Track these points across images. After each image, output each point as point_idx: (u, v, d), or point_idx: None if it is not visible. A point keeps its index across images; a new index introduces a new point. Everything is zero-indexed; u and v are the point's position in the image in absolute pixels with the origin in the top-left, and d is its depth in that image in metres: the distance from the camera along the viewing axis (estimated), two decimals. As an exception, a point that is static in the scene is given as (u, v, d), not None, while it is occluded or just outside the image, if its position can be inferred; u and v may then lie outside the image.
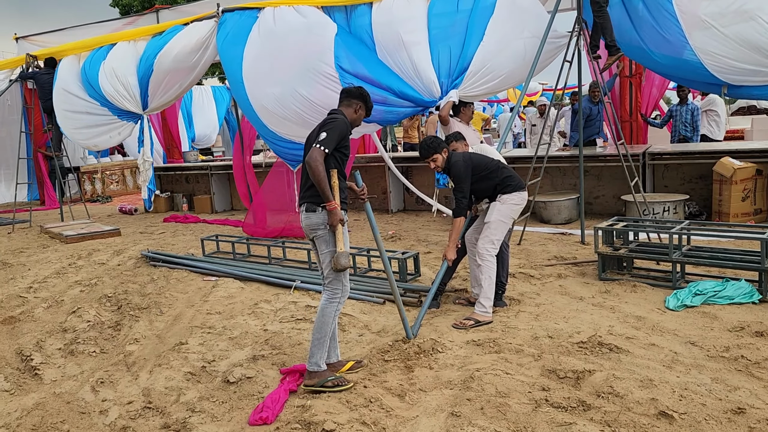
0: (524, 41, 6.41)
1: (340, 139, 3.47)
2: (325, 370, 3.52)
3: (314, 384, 3.45)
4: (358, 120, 3.74)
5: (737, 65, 5.88)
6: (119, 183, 15.46)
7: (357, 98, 3.72)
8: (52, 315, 5.27)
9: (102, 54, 9.37)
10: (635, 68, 9.32)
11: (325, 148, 3.39)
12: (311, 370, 3.50)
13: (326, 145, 3.40)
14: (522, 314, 4.52)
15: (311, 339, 3.56)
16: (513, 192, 4.49)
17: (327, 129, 3.46)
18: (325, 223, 3.47)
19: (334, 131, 3.45)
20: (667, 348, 3.72)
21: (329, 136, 3.42)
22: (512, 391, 3.27)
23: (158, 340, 4.54)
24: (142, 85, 8.96)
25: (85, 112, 9.59)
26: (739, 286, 4.53)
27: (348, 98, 3.72)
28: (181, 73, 8.51)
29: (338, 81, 6.69)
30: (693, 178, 7.75)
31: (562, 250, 6.35)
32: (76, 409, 3.48)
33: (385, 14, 6.90)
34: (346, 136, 3.55)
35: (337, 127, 3.48)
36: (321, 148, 3.38)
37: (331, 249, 3.48)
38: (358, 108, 3.72)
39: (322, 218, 3.47)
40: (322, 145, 3.39)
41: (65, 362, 4.23)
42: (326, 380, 3.45)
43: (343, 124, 3.52)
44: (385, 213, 9.56)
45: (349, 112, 3.69)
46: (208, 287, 5.79)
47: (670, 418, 2.89)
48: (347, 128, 3.56)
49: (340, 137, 3.47)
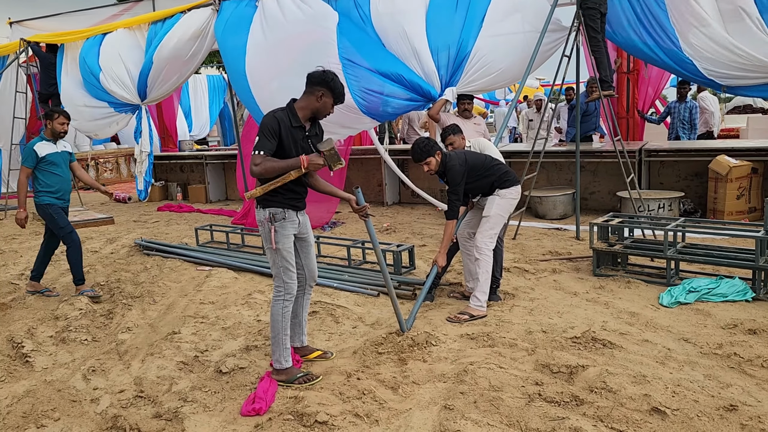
0: (524, 35, 6.38)
1: (273, 136, 3.26)
2: (290, 366, 3.48)
3: (284, 380, 3.43)
4: (323, 109, 3.41)
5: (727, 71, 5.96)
6: (113, 171, 15.37)
7: (319, 84, 3.35)
8: (43, 302, 5.24)
9: (97, 42, 9.30)
10: (633, 65, 9.32)
11: (259, 151, 3.24)
12: (276, 368, 3.48)
13: (260, 148, 3.24)
14: (516, 309, 4.52)
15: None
16: (510, 187, 4.48)
17: (259, 131, 3.29)
18: (264, 221, 3.41)
19: (264, 130, 3.27)
20: (660, 344, 3.73)
21: (261, 138, 3.26)
22: (505, 385, 3.27)
23: (151, 329, 4.52)
24: (142, 76, 8.91)
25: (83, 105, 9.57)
26: (732, 284, 4.54)
27: (309, 85, 3.39)
28: (179, 62, 8.45)
29: (342, 72, 6.63)
30: (688, 176, 7.76)
31: (557, 245, 6.35)
32: (68, 397, 3.46)
33: (385, 4, 6.85)
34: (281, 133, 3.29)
35: (265, 126, 3.27)
36: (256, 152, 3.25)
37: (269, 246, 3.42)
38: (321, 95, 3.36)
39: (261, 216, 3.43)
40: (256, 149, 3.26)
41: (57, 350, 4.20)
42: (295, 377, 3.42)
43: (270, 122, 3.27)
44: (381, 206, 9.54)
45: (310, 101, 3.38)
46: (202, 277, 5.77)
47: (662, 414, 2.90)
48: (276, 123, 3.28)
49: (273, 134, 3.26)
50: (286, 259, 3.43)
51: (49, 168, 5.24)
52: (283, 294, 3.46)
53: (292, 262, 3.47)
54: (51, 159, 5.23)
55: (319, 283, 5.34)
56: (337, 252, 6.48)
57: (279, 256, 3.41)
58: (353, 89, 6.64)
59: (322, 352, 3.84)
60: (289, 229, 3.44)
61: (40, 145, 5.22)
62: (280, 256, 3.41)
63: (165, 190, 11.96)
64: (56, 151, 5.29)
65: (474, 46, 6.41)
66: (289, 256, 3.44)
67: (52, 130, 5.27)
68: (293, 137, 3.36)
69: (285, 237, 3.42)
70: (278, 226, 3.39)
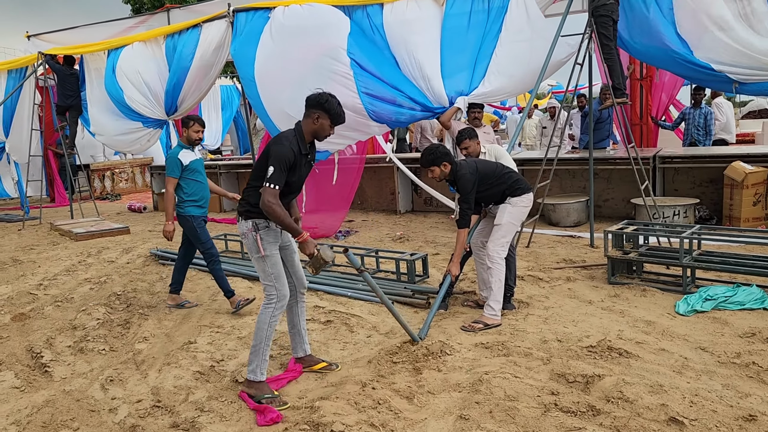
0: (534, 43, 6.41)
1: (288, 169, 3.29)
2: (262, 381, 3.44)
3: (252, 395, 3.38)
4: (320, 131, 3.39)
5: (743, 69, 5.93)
6: (128, 181, 15.54)
7: (314, 107, 3.35)
8: (62, 312, 5.30)
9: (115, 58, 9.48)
10: (646, 71, 9.29)
11: (275, 185, 3.22)
12: (249, 378, 3.45)
13: (276, 182, 3.23)
14: (531, 317, 4.51)
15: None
16: (522, 194, 4.48)
17: (273, 161, 3.24)
18: (247, 231, 3.42)
19: (281, 163, 3.24)
20: (677, 353, 3.70)
21: (276, 170, 3.23)
22: (521, 394, 3.26)
23: (167, 339, 4.56)
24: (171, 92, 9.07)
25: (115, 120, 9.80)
26: (750, 292, 4.50)
27: (306, 107, 3.39)
28: (202, 73, 8.59)
29: (352, 78, 6.69)
30: (703, 182, 7.70)
31: (571, 253, 6.33)
32: (86, 407, 3.50)
33: (398, 16, 6.91)
34: (293, 163, 3.32)
35: (282, 158, 3.25)
36: (272, 187, 3.22)
37: (256, 255, 3.42)
38: (317, 118, 3.35)
39: (243, 227, 3.44)
40: (272, 182, 3.22)
41: (75, 360, 4.25)
42: (263, 396, 3.35)
43: (287, 154, 3.26)
44: (394, 214, 9.56)
45: (306, 123, 3.38)
46: (216, 286, 5.80)
47: (680, 425, 2.88)
48: (292, 155, 3.29)
49: (288, 167, 3.27)
50: (276, 266, 3.43)
51: (191, 176, 5.08)
52: (275, 301, 3.45)
53: (282, 269, 3.48)
54: (193, 167, 5.07)
55: (333, 292, 5.37)
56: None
57: (268, 264, 3.42)
58: (363, 96, 6.70)
59: (327, 363, 3.82)
60: (272, 236, 3.47)
61: (183, 153, 5.03)
62: (269, 264, 3.42)
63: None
64: (196, 158, 5.13)
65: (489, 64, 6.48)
66: (278, 263, 3.46)
67: (187, 138, 5.07)
68: (299, 164, 3.39)
69: (270, 244, 3.45)
70: (263, 233, 3.41)
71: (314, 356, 3.87)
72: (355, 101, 6.76)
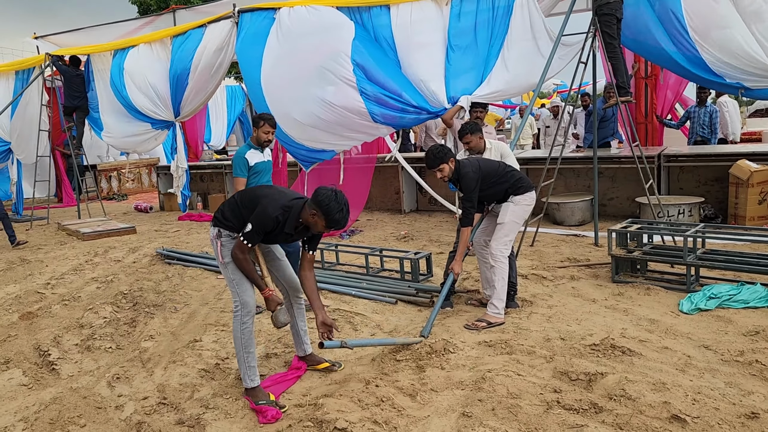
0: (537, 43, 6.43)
1: (262, 234, 3.29)
2: (256, 387, 3.44)
3: (250, 399, 3.39)
4: (314, 226, 3.31)
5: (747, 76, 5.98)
6: (135, 181, 15.63)
7: (316, 205, 3.21)
8: (69, 311, 5.35)
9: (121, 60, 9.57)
10: (651, 69, 9.27)
11: (248, 243, 3.28)
12: (244, 385, 3.47)
13: (249, 240, 3.28)
14: (534, 316, 4.52)
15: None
16: (525, 193, 4.48)
17: (254, 220, 3.26)
18: (213, 238, 3.46)
19: (259, 226, 3.26)
20: (680, 351, 3.71)
21: (253, 231, 3.25)
22: (524, 392, 3.28)
23: (173, 337, 4.60)
24: (175, 93, 9.15)
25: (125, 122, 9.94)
26: (754, 290, 4.50)
27: (312, 200, 3.25)
28: (206, 75, 8.65)
29: (355, 84, 6.75)
30: (709, 181, 7.69)
31: (575, 252, 6.33)
32: (93, 404, 3.54)
33: (404, 17, 6.96)
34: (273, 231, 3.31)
35: (262, 223, 3.25)
36: (244, 242, 3.27)
37: (219, 261, 3.46)
38: (314, 215, 3.24)
39: (211, 234, 3.49)
40: (245, 239, 3.27)
41: (82, 357, 4.30)
42: (259, 401, 3.34)
43: (267, 223, 3.26)
44: (398, 213, 9.58)
45: (305, 213, 3.29)
46: (222, 285, 5.85)
47: (682, 422, 2.88)
48: (272, 224, 3.27)
49: (263, 232, 3.28)
50: (237, 272, 3.42)
51: (253, 178, 4.85)
52: (240, 310, 3.44)
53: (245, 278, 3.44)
54: (258, 168, 4.83)
55: (337, 290, 5.39)
56: (355, 260, 6.52)
57: (229, 270, 3.42)
58: (366, 101, 6.75)
59: (330, 363, 3.84)
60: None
61: (251, 153, 4.81)
62: (230, 270, 3.42)
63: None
64: (264, 160, 4.88)
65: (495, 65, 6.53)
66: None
67: (257, 138, 4.82)
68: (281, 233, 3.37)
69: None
70: (224, 241, 3.44)
71: (317, 355, 3.90)
72: (360, 106, 6.82)
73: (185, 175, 10.42)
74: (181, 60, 8.92)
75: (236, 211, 3.42)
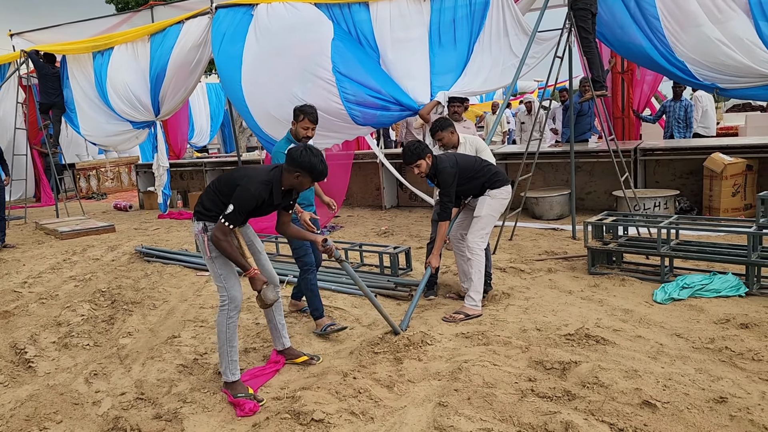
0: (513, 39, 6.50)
1: (245, 213, 3.29)
2: (236, 381, 3.44)
3: (230, 393, 3.39)
4: (300, 186, 3.38)
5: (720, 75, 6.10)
6: (114, 180, 15.48)
7: (298, 167, 3.30)
8: (46, 309, 5.31)
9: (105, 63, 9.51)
10: (627, 65, 9.38)
11: (229, 224, 3.25)
12: (224, 379, 3.47)
13: (230, 221, 3.24)
14: (511, 307, 4.57)
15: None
16: (501, 187, 4.53)
17: (235, 201, 3.25)
18: (198, 233, 3.42)
19: (241, 206, 3.24)
20: (653, 340, 3.78)
21: (234, 211, 3.23)
22: (499, 381, 3.32)
23: (151, 334, 4.58)
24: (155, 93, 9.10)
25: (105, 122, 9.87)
26: (726, 280, 4.59)
27: (290, 164, 3.32)
28: (185, 72, 8.60)
29: (335, 85, 6.77)
30: (684, 174, 7.81)
31: (553, 245, 6.41)
32: (70, 401, 3.52)
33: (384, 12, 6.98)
34: (256, 207, 3.33)
35: (243, 203, 3.25)
36: (226, 224, 3.24)
37: (206, 257, 3.42)
38: (298, 176, 3.32)
39: (195, 228, 3.45)
40: (226, 220, 3.24)
41: (59, 355, 4.27)
42: (237, 394, 3.36)
43: (249, 201, 3.26)
44: (379, 209, 9.61)
45: (287, 177, 3.35)
46: (202, 282, 5.83)
47: (653, 407, 2.94)
48: (255, 202, 3.28)
49: (245, 211, 3.28)
50: (225, 268, 3.42)
51: None
52: (228, 304, 3.43)
53: (232, 271, 3.46)
54: None
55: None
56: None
57: (216, 265, 3.41)
58: (346, 103, 6.78)
59: (309, 357, 3.86)
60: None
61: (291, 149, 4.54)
62: (217, 265, 3.41)
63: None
64: None
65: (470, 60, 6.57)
66: (227, 264, 3.43)
67: (295, 133, 4.46)
68: (263, 208, 3.38)
69: None
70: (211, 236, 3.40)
71: (295, 349, 3.91)
72: (339, 107, 6.84)
73: (166, 174, 10.35)
74: (160, 58, 8.86)
75: (216, 200, 3.40)
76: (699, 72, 6.32)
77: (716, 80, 6.31)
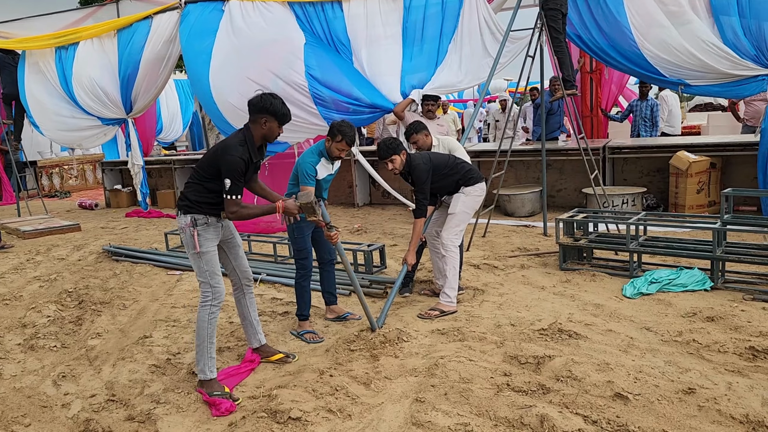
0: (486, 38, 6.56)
1: (241, 178, 3.30)
2: (212, 379, 3.41)
3: (206, 392, 3.35)
4: (270, 133, 3.39)
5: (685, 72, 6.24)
6: (78, 178, 15.11)
7: (260, 111, 3.33)
8: (10, 311, 5.16)
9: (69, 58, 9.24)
10: (596, 65, 9.55)
11: (234, 196, 3.26)
12: (199, 377, 3.44)
13: (235, 193, 3.26)
14: (486, 304, 4.61)
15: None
16: (475, 184, 4.57)
17: (227, 173, 3.24)
18: (185, 226, 3.38)
19: (235, 173, 3.25)
20: (623, 334, 3.86)
21: (233, 183, 3.24)
22: (475, 376, 3.35)
23: (121, 334, 4.49)
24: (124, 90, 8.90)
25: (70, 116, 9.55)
26: (692, 274, 4.71)
27: (251, 113, 3.36)
28: (156, 69, 8.44)
29: (307, 89, 6.74)
30: (651, 172, 7.98)
31: (525, 242, 6.48)
32: (38, 403, 3.43)
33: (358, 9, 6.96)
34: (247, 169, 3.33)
35: (235, 169, 3.25)
36: (233, 198, 3.26)
37: (192, 252, 3.40)
38: (265, 122, 3.34)
39: (182, 222, 3.41)
40: (231, 194, 3.25)
41: (25, 357, 4.15)
42: (213, 392, 3.32)
43: (239, 164, 3.26)
44: (352, 207, 9.59)
45: (255, 128, 3.37)
46: (173, 281, 5.74)
47: (625, 399, 3.01)
48: (243, 165, 3.28)
49: (241, 176, 3.28)
50: (211, 263, 3.40)
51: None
52: (211, 299, 3.42)
53: (217, 267, 3.45)
54: (324, 180, 4.30)
55: (291, 284, 5.36)
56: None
57: (204, 261, 3.38)
58: (320, 108, 6.77)
59: (284, 355, 3.83)
60: (212, 233, 3.43)
61: (321, 165, 4.19)
62: (205, 261, 3.38)
63: (133, 196, 11.80)
64: (331, 173, 4.33)
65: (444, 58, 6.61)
66: (213, 260, 3.42)
67: (329, 150, 4.17)
68: (249, 170, 3.38)
69: (207, 240, 3.40)
70: (200, 230, 3.38)
71: (270, 347, 3.88)
72: (312, 110, 6.83)
73: (142, 171, 10.18)
74: (130, 55, 8.67)
75: (200, 189, 3.36)
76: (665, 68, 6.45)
77: (683, 76, 6.45)
